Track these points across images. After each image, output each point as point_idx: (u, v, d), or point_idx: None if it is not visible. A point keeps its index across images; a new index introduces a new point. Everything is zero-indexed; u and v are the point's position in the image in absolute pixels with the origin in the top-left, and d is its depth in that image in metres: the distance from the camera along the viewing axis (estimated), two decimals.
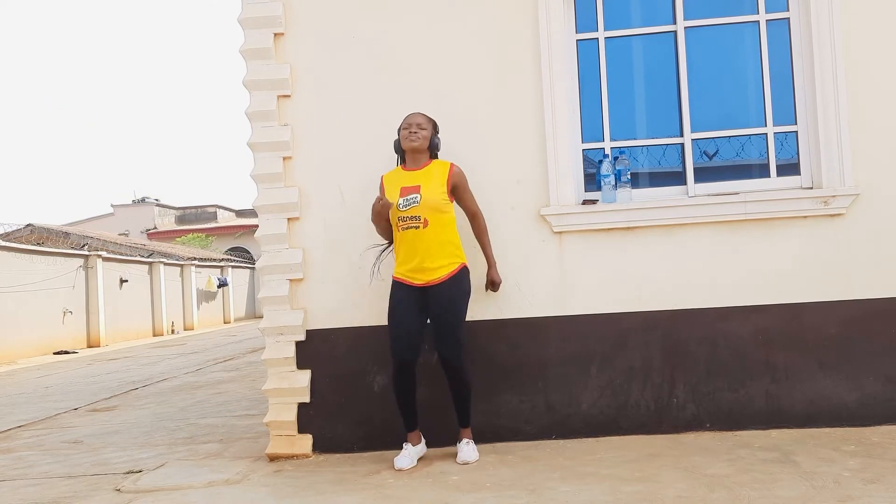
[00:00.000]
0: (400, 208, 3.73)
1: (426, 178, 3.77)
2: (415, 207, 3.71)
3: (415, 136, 3.77)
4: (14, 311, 14.20)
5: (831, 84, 3.98)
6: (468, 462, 3.71)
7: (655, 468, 3.43)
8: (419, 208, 3.70)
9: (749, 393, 4.00)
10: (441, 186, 3.74)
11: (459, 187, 3.80)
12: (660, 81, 4.27)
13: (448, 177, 3.77)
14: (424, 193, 3.72)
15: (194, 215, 38.69)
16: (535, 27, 4.10)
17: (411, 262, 3.73)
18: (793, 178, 4.13)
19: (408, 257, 3.75)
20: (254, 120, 4.17)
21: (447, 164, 3.82)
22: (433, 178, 3.76)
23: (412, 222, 3.71)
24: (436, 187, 3.74)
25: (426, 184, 3.74)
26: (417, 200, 3.71)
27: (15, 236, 20.54)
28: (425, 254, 3.70)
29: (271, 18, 4.15)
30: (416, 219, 3.71)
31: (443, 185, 3.75)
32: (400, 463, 3.70)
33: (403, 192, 3.75)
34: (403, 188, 3.76)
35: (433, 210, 3.71)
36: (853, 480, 3.09)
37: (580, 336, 4.07)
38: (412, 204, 3.71)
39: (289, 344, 4.15)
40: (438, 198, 3.72)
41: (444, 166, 3.81)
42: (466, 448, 3.78)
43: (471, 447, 3.79)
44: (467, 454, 3.75)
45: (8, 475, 4.32)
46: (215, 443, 4.79)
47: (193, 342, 16.35)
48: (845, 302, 3.98)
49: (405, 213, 3.72)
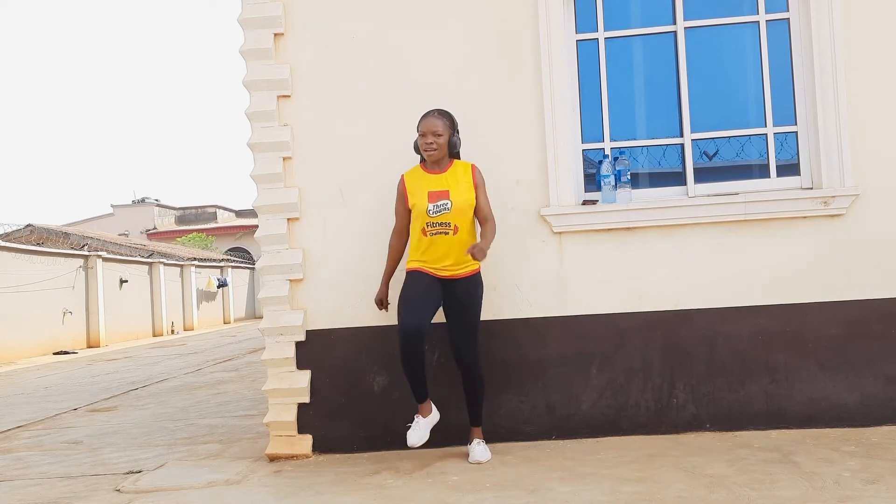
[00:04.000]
0: (430, 214, 3.69)
1: (453, 181, 3.74)
2: (446, 214, 3.69)
3: (432, 149, 3.72)
4: (14, 312, 14.20)
5: (831, 84, 3.99)
6: (480, 462, 3.70)
7: (655, 468, 3.43)
8: (450, 215, 3.68)
9: (749, 393, 4.00)
10: (469, 190, 3.73)
11: (478, 189, 3.78)
12: (660, 82, 4.27)
13: (472, 179, 3.77)
14: (455, 199, 3.69)
15: (194, 215, 38.69)
16: (535, 27, 4.10)
17: (436, 265, 3.71)
18: (793, 179, 4.13)
19: (433, 259, 3.71)
20: (254, 120, 4.17)
21: (469, 165, 3.81)
22: (460, 182, 3.74)
23: (442, 228, 3.69)
24: (464, 192, 3.72)
25: (454, 188, 3.72)
26: (449, 207, 3.69)
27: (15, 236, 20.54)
28: (453, 258, 3.70)
29: (271, 18, 4.15)
30: (446, 225, 3.69)
31: (470, 188, 3.74)
32: (412, 439, 3.68)
33: (432, 196, 3.71)
34: (431, 192, 3.72)
35: (462, 215, 3.70)
36: (853, 481, 3.09)
37: (580, 336, 4.07)
38: (443, 210, 3.69)
39: (289, 344, 4.15)
40: (467, 203, 3.71)
41: (467, 168, 3.80)
42: (478, 448, 3.78)
43: (483, 447, 3.79)
44: (479, 454, 3.74)
45: (7, 475, 4.32)
46: (215, 443, 4.79)
47: (193, 342, 16.35)
48: (845, 302, 3.98)
49: (435, 218, 3.69)
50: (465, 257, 3.69)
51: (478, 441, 3.82)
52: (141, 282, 20.12)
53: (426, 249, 3.72)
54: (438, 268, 3.72)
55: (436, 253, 3.71)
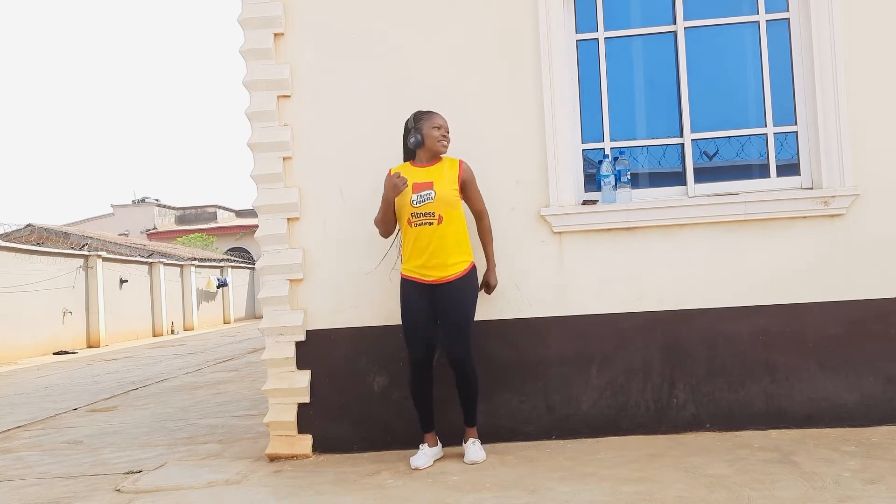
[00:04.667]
0: (413, 204, 3.72)
1: (438, 174, 3.78)
2: (429, 203, 3.71)
3: (446, 142, 3.81)
4: (14, 312, 14.20)
5: (831, 84, 3.98)
6: (476, 462, 3.71)
7: (655, 468, 3.43)
8: (433, 204, 3.70)
9: (749, 393, 4.00)
10: (453, 183, 3.76)
11: (468, 184, 3.81)
12: (660, 81, 4.27)
13: (458, 173, 3.78)
14: (438, 189, 3.72)
15: (194, 215, 38.69)
16: (535, 27, 4.10)
17: (421, 258, 3.73)
18: (793, 179, 4.13)
19: (418, 253, 3.73)
20: (254, 120, 4.17)
21: (456, 160, 3.83)
22: (444, 175, 3.77)
23: (426, 219, 3.71)
24: (448, 183, 3.75)
25: (438, 180, 3.75)
26: (432, 197, 3.71)
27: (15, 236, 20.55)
28: (438, 250, 3.70)
29: (271, 18, 4.15)
30: (430, 215, 3.71)
31: (454, 181, 3.76)
32: (416, 462, 3.70)
33: (416, 188, 3.74)
34: (416, 184, 3.75)
35: (447, 206, 3.71)
36: (853, 481, 3.09)
37: (580, 336, 4.07)
38: (426, 200, 3.71)
39: (289, 344, 4.15)
40: (451, 194, 3.73)
41: (454, 163, 3.82)
42: (473, 448, 3.78)
43: (477, 447, 3.79)
44: (474, 454, 3.75)
45: (8, 475, 4.32)
46: (215, 443, 4.79)
47: (193, 342, 16.35)
48: (845, 302, 3.98)
49: (419, 209, 3.71)
50: (452, 256, 3.71)
51: (472, 441, 3.82)
52: (141, 282, 20.12)
53: (412, 244, 3.75)
54: (425, 265, 3.72)
55: (421, 246, 3.72)
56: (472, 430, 3.85)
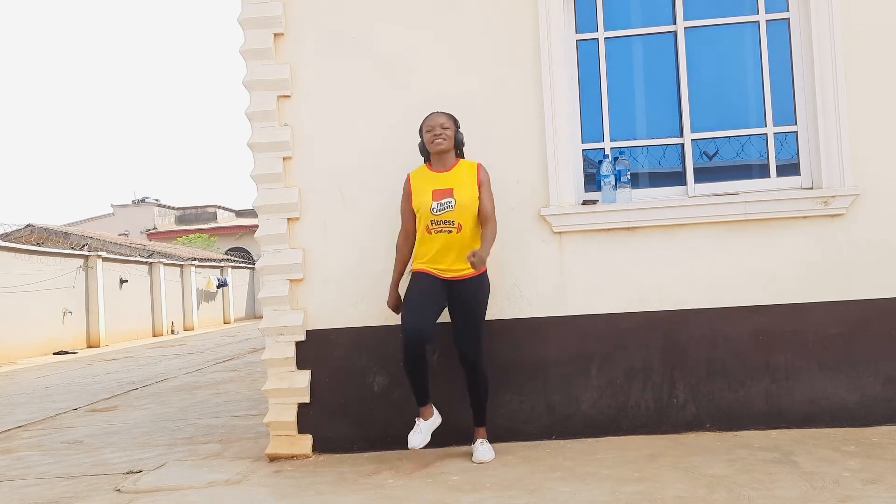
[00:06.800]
0: (434, 212, 3.69)
1: (457, 179, 3.75)
2: (449, 212, 3.68)
3: (440, 140, 3.74)
4: (14, 312, 14.20)
5: (831, 84, 3.98)
6: (484, 461, 3.70)
7: (655, 468, 3.43)
8: (454, 213, 3.68)
9: (749, 393, 4.00)
10: (473, 188, 3.73)
11: (483, 187, 3.77)
12: (660, 82, 4.27)
13: (477, 176, 3.77)
14: (459, 197, 3.69)
15: (194, 215, 38.69)
16: (535, 27, 4.10)
17: (441, 264, 3.71)
18: (793, 179, 4.13)
19: (436, 259, 3.71)
20: (254, 120, 4.17)
21: (474, 164, 3.82)
22: (464, 180, 3.74)
23: (445, 227, 3.69)
24: (468, 189, 3.72)
25: (459, 186, 3.72)
26: (452, 205, 3.69)
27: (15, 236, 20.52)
28: (456, 257, 3.69)
29: (271, 19, 4.15)
30: (450, 223, 3.69)
31: (474, 185, 3.74)
32: (413, 441, 3.68)
33: (436, 195, 3.72)
34: (436, 191, 3.72)
35: (467, 213, 3.69)
36: (853, 480, 3.09)
37: (580, 336, 4.07)
38: (447, 208, 3.69)
39: (289, 344, 4.15)
40: (472, 201, 3.71)
41: (472, 166, 3.80)
42: (482, 448, 3.78)
43: (486, 447, 3.79)
44: (482, 454, 3.74)
45: (8, 475, 4.32)
46: (215, 443, 4.79)
47: (193, 342, 16.34)
48: (845, 302, 3.98)
49: (439, 216, 3.69)
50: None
51: (481, 441, 3.82)
52: (141, 282, 20.12)
53: (430, 248, 3.72)
54: (443, 268, 3.72)
55: (440, 252, 3.70)
56: (482, 430, 3.86)
